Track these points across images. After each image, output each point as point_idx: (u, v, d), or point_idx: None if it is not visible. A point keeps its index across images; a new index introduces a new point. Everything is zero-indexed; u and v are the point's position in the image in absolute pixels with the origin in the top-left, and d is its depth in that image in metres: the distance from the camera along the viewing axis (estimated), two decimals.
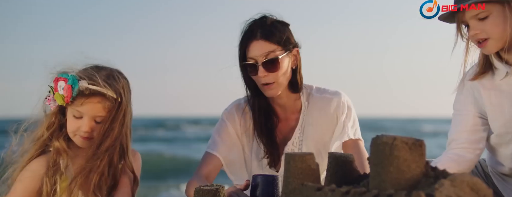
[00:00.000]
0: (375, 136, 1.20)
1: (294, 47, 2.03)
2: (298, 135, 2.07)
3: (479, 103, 1.81)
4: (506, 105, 1.77)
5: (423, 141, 1.18)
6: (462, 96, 1.84)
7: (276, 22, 2.02)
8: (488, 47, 1.67)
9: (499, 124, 1.79)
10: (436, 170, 1.14)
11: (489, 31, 1.64)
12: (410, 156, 1.13)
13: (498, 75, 1.77)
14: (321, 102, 2.06)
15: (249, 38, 1.98)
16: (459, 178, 1.03)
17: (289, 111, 2.11)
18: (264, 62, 1.94)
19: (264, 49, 1.94)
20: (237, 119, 2.12)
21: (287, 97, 2.08)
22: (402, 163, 1.13)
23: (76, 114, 1.69)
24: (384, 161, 1.14)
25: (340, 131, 2.03)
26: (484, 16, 1.63)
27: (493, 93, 1.78)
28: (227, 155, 2.08)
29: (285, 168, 1.31)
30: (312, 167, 1.29)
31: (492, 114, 1.79)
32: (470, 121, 1.80)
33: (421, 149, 1.15)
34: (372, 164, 1.18)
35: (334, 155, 1.34)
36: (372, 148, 1.18)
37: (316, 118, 2.07)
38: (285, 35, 1.99)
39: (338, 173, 1.32)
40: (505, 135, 1.79)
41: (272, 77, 1.96)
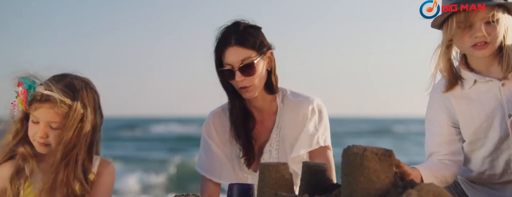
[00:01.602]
0: (346, 147, 1.23)
1: (268, 49, 2.09)
2: (275, 136, 2.13)
3: (451, 112, 1.85)
4: (476, 113, 1.82)
5: (392, 151, 1.21)
6: (434, 107, 1.88)
7: (248, 27, 2.09)
8: (486, 51, 1.70)
9: (470, 132, 1.84)
10: (404, 180, 1.17)
11: (493, 35, 1.68)
12: (379, 166, 1.17)
13: (466, 84, 1.82)
14: (294, 104, 2.12)
15: (224, 45, 2.04)
16: (426, 188, 1.07)
17: (266, 113, 2.17)
18: (240, 67, 2.00)
19: (239, 55, 2.00)
20: (214, 129, 2.17)
21: (263, 99, 2.14)
22: (372, 173, 1.16)
23: (34, 119, 1.73)
24: (354, 171, 1.17)
25: (309, 136, 2.08)
26: (493, 20, 1.66)
27: (463, 102, 1.83)
28: (219, 173, 2.15)
29: (260, 178, 1.33)
30: (286, 177, 1.32)
31: (463, 123, 1.84)
32: (445, 131, 1.85)
33: (391, 159, 1.18)
34: (343, 174, 1.22)
35: (307, 164, 1.37)
36: (343, 158, 1.22)
37: (289, 119, 2.12)
38: (259, 39, 2.06)
39: (311, 182, 1.35)
40: (476, 142, 1.84)
41: (249, 81, 2.03)
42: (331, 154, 2.10)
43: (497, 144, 1.81)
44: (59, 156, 1.71)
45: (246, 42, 2.02)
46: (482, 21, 1.67)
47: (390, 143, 19.21)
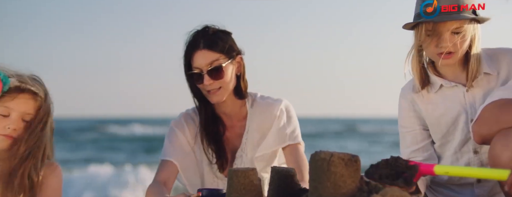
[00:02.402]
0: (314, 152, 1.25)
1: (238, 54, 2.10)
2: (245, 141, 2.13)
3: (421, 116, 1.90)
4: (443, 117, 1.86)
5: (358, 156, 1.24)
6: (404, 112, 1.92)
7: (218, 32, 2.09)
8: (451, 60, 1.75)
9: (439, 136, 1.88)
10: (369, 184, 1.20)
11: (458, 46, 1.72)
12: (346, 171, 1.19)
13: (432, 89, 1.87)
14: (263, 108, 2.13)
15: (193, 48, 2.05)
16: (390, 192, 1.09)
17: (235, 118, 2.17)
18: (208, 70, 2.01)
19: (208, 58, 2.01)
20: (186, 127, 2.16)
21: (233, 104, 2.14)
22: (339, 178, 1.18)
23: (4, 111, 1.69)
24: (321, 177, 1.20)
25: (278, 134, 2.10)
26: (460, 31, 1.71)
27: (430, 106, 1.88)
28: (182, 160, 2.12)
29: (228, 183, 1.34)
30: (254, 182, 1.33)
31: (431, 127, 1.88)
32: (418, 137, 1.89)
33: (357, 164, 1.21)
34: (311, 179, 1.24)
35: (276, 169, 1.39)
36: (311, 163, 1.24)
37: (259, 123, 2.13)
38: (228, 43, 2.07)
39: (280, 187, 1.37)
40: (445, 145, 1.89)
41: (217, 84, 2.03)
42: (302, 150, 2.10)
43: (458, 147, 1.86)
44: (22, 149, 1.69)
45: (215, 46, 2.03)
46: (449, 31, 1.72)
47: (358, 142, 19.39)
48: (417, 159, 1.87)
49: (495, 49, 1.83)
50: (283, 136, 2.09)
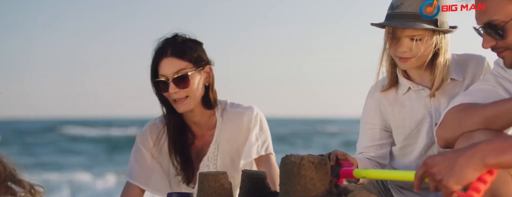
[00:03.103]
0: (284, 156, 1.26)
1: (207, 64, 2.09)
2: (213, 150, 2.12)
3: (385, 117, 1.93)
4: (407, 119, 1.90)
5: (328, 160, 1.26)
6: (369, 110, 1.95)
7: (188, 40, 2.08)
8: (408, 64, 1.80)
9: (402, 137, 1.92)
10: (338, 187, 1.22)
11: (416, 52, 1.76)
12: (316, 174, 1.21)
13: (401, 90, 1.91)
14: (234, 117, 2.12)
15: (160, 56, 2.03)
16: (358, 195, 1.11)
17: (205, 127, 2.16)
18: (174, 78, 1.99)
19: (174, 66, 2.00)
20: (151, 140, 2.15)
21: (202, 114, 2.12)
22: (309, 181, 1.20)
23: None
24: (292, 180, 1.21)
25: (251, 146, 2.09)
26: (418, 39, 1.75)
27: (396, 108, 1.92)
28: (147, 180, 2.13)
29: (199, 187, 1.34)
30: (225, 186, 1.33)
31: (395, 128, 1.92)
32: (377, 135, 1.92)
33: (326, 167, 1.23)
34: (281, 182, 1.25)
35: (247, 172, 1.40)
36: (281, 167, 1.25)
37: (230, 132, 2.12)
38: (197, 52, 2.06)
39: (250, 190, 1.38)
40: (407, 147, 1.93)
41: (183, 93, 2.01)
42: (274, 160, 2.11)
43: (423, 150, 1.89)
44: None
45: (183, 54, 2.02)
46: (408, 37, 1.76)
47: (324, 143, 19.42)
48: (369, 154, 1.89)
49: (463, 55, 1.88)
50: (255, 147, 2.08)
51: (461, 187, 1.13)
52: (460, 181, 1.12)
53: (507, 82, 1.55)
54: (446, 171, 1.14)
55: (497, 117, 1.38)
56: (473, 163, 1.12)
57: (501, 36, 1.41)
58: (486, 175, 1.13)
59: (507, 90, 1.54)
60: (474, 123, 1.41)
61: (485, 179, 1.13)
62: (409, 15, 1.73)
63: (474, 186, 1.13)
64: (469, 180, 1.12)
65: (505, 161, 1.11)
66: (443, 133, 1.49)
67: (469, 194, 1.13)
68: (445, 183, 1.13)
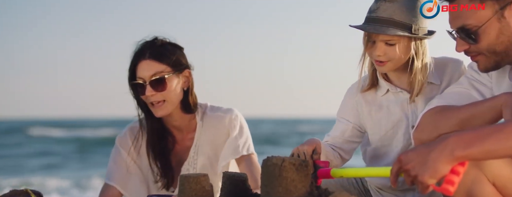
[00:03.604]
0: (266, 158, 1.28)
1: (186, 68, 2.07)
2: (193, 154, 2.11)
3: (360, 117, 1.96)
4: (384, 120, 1.93)
5: (309, 162, 1.27)
6: (346, 107, 1.97)
7: (167, 44, 2.07)
8: (385, 68, 1.83)
9: (377, 137, 1.95)
10: (319, 189, 1.23)
11: (390, 55, 1.79)
12: (297, 176, 1.22)
13: (380, 92, 1.94)
14: (214, 120, 2.12)
15: (138, 58, 2.02)
16: (339, 196, 1.13)
17: (185, 131, 2.15)
18: (151, 81, 1.97)
19: (152, 68, 1.99)
20: (131, 143, 2.14)
21: (181, 118, 2.09)
22: (290, 183, 1.21)
23: None
24: (273, 182, 1.22)
25: (232, 147, 2.09)
26: (392, 43, 1.78)
27: (374, 108, 1.94)
28: (125, 183, 2.11)
29: (180, 189, 1.34)
30: (206, 188, 1.34)
31: (371, 128, 1.95)
32: (348, 132, 1.94)
33: (307, 169, 1.24)
34: (262, 184, 1.26)
35: (228, 174, 1.40)
36: (263, 169, 1.26)
37: (210, 136, 2.11)
38: (175, 56, 2.04)
39: (231, 192, 1.39)
40: (381, 148, 1.96)
41: (160, 96, 2.00)
42: (256, 160, 2.10)
43: (400, 153, 1.90)
44: None
45: (161, 57, 2.01)
46: (382, 42, 1.79)
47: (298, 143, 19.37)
48: (334, 146, 1.91)
49: (440, 58, 1.92)
50: (236, 147, 2.07)
51: (436, 181, 1.17)
52: (434, 175, 1.15)
53: (481, 85, 1.60)
54: (419, 167, 1.17)
55: (472, 118, 1.42)
56: (444, 156, 1.15)
57: (474, 41, 1.44)
58: (458, 166, 1.16)
59: (480, 92, 1.58)
60: (450, 124, 1.44)
61: (457, 170, 1.16)
62: (383, 20, 1.76)
63: (448, 179, 1.16)
64: (442, 173, 1.16)
65: (473, 153, 1.15)
66: (420, 135, 1.52)
67: (444, 187, 1.16)
68: (420, 178, 1.16)
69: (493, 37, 1.43)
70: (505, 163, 1.36)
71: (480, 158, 1.18)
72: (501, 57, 1.45)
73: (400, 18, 1.74)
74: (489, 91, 1.58)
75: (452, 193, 1.17)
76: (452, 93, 1.60)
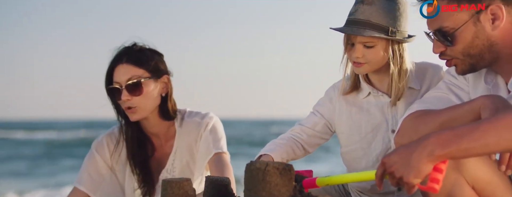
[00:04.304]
0: (249, 162, 1.27)
1: (164, 74, 2.06)
2: (172, 161, 2.10)
3: (336, 116, 1.97)
4: (364, 122, 1.95)
5: (292, 165, 1.27)
6: (323, 105, 1.99)
7: (145, 49, 2.07)
8: (362, 69, 1.85)
9: (356, 139, 1.96)
10: (302, 193, 1.24)
11: (368, 58, 1.81)
12: (280, 180, 1.22)
13: (361, 94, 1.96)
14: (191, 126, 2.10)
15: (116, 62, 2.01)
16: None
17: (164, 138, 2.11)
18: (127, 85, 1.96)
19: (128, 72, 1.97)
20: (108, 149, 2.11)
21: (160, 125, 2.08)
22: (274, 187, 1.21)
23: None
24: (257, 186, 1.22)
25: (205, 146, 2.06)
26: (371, 45, 1.80)
27: (354, 109, 1.96)
28: (96, 188, 2.08)
29: (162, 194, 1.33)
30: (189, 193, 1.33)
31: (350, 129, 1.96)
32: (318, 127, 1.96)
33: (291, 173, 1.25)
34: (246, 189, 1.26)
35: (210, 179, 1.40)
36: (246, 173, 1.26)
37: (188, 142, 2.09)
38: (154, 61, 2.03)
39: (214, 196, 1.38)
40: (359, 150, 1.96)
41: (136, 101, 1.96)
42: (227, 159, 2.06)
43: (379, 156, 1.93)
44: None
45: (138, 61, 2.00)
46: (361, 44, 1.81)
47: None
48: (301, 137, 1.93)
49: (420, 63, 1.94)
50: (208, 146, 2.04)
51: (420, 180, 1.20)
52: (418, 175, 1.18)
53: (458, 89, 1.63)
54: (403, 168, 1.19)
55: (452, 121, 1.44)
56: (425, 156, 1.18)
57: (450, 43, 1.47)
58: (440, 164, 1.19)
59: (458, 96, 1.61)
60: (430, 128, 1.46)
61: (440, 168, 1.19)
62: (361, 22, 1.78)
63: (432, 177, 1.19)
64: (426, 172, 1.19)
65: (452, 152, 1.17)
66: (401, 139, 1.54)
67: (429, 186, 1.19)
68: (406, 179, 1.19)
69: (468, 40, 1.46)
70: (484, 166, 1.39)
71: (459, 157, 1.21)
72: (476, 60, 1.48)
73: (377, 21, 1.77)
74: (467, 95, 1.61)
75: (438, 191, 1.20)
76: (431, 98, 1.62)
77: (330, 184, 1.33)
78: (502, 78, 1.53)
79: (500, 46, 1.46)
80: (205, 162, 2.05)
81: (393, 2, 1.79)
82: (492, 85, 1.54)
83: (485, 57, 1.47)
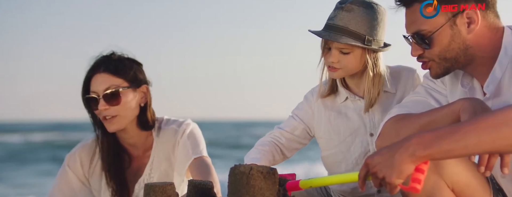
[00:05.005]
0: (233, 166, 1.28)
1: (143, 84, 2.04)
2: (149, 171, 2.06)
3: (315, 121, 1.99)
4: (342, 126, 1.97)
5: (276, 169, 1.28)
6: (304, 108, 2.00)
7: (124, 59, 2.04)
8: (335, 74, 1.88)
9: (335, 143, 1.98)
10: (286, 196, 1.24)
11: (343, 64, 1.84)
12: (264, 184, 1.23)
13: (339, 98, 1.98)
14: (168, 134, 2.07)
15: (93, 72, 1.98)
16: None
17: (141, 149, 2.08)
18: (105, 94, 1.93)
19: (106, 82, 1.94)
20: (80, 163, 2.07)
21: (138, 136, 2.04)
22: (258, 191, 1.22)
23: None
24: (241, 190, 1.22)
25: (183, 153, 2.02)
26: (346, 52, 1.83)
27: (333, 114, 1.98)
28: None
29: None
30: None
31: (329, 133, 1.98)
32: (297, 131, 1.98)
33: (275, 177, 1.25)
34: (230, 192, 1.26)
35: (193, 183, 1.39)
36: (230, 177, 1.26)
37: (165, 151, 2.06)
38: (132, 70, 2.00)
39: None
40: (339, 154, 1.98)
41: (114, 111, 1.94)
42: (208, 162, 2.01)
43: (358, 159, 1.95)
44: None
45: (116, 71, 1.97)
46: (337, 49, 1.84)
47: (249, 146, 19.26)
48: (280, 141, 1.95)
49: (395, 67, 1.97)
50: (186, 152, 2.01)
51: (402, 181, 1.22)
52: (400, 175, 1.21)
53: (437, 93, 1.66)
54: (386, 169, 1.22)
55: (432, 124, 1.47)
56: (407, 157, 1.20)
57: (428, 45, 1.50)
58: (422, 165, 1.22)
59: (437, 100, 1.64)
60: (411, 131, 1.49)
61: (421, 168, 1.22)
62: (338, 28, 1.80)
63: (414, 178, 1.22)
64: (408, 173, 1.21)
65: (433, 153, 1.20)
66: (383, 143, 1.56)
67: (411, 186, 1.21)
68: (388, 179, 1.21)
69: (445, 44, 1.49)
70: (463, 169, 1.42)
71: (440, 157, 1.23)
72: (451, 64, 1.52)
73: (355, 28, 1.79)
74: (445, 99, 1.64)
75: (419, 191, 1.22)
76: (410, 102, 1.65)
77: (313, 186, 1.35)
78: (477, 81, 1.56)
79: (475, 49, 1.49)
80: (184, 169, 2.02)
81: (372, 11, 1.82)
82: (469, 89, 1.57)
83: (460, 61, 1.51)
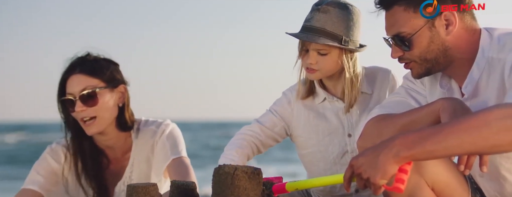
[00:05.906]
0: (218, 166, 1.27)
1: (120, 84, 1.99)
2: (129, 174, 2.02)
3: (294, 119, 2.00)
4: (321, 127, 1.99)
5: (260, 169, 1.28)
6: (283, 106, 2.00)
7: (100, 59, 2.01)
8: (313, 76, 1.89)
9: (313, 142, 2.00)
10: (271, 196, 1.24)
11: (321, 65, 1.85)
12: (249, 184, 1.23)
13: (317, 99, 2.00)
14: (146, 135, 2.04)
15: (68, 73, 1.94)
16: None
17: (120, 151, 2.04)
18: (81, 96, 1.89)
19: (82, 83, 1.91)
20: (63, 158, 2.01)
21: (117, 137, 2.01)
22: (242, 192, 1.22)
23: None
24: (225, 191, 1.22)
25: (162, 154, 2.00)
26: (324, 53, 1.84)
27: (312, 114, 1.99)
28: (51, 189, 1.97)
29: None
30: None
31: (308, 132, 2.00)
32: (276, 129, 1.98)
33: (259, 177, 1.25)
34: (214, 193, 1.25)
35: (176, 183, 1.38)
36: (214, 177, 1.26)
37: (144, 152, 2.03)
38: (109, 70, 1.97)
39: None
40: (317, 153, 2.00)
41: (92, 112, 1.90)
42: (187, 163, 1.98)
43: (336, 159, 1.97)
44: None
45: (92, 71, 1.93)
46: (315, 51, 1.85)
47: None
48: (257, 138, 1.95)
49: (371, 68, 1.99)
50: (165, 153, 1.98)
51: (386, 181, 1.23)
52: (384, 176, 1.22)
53: (416, 94, 1.69)
54: (370, 170, 1.23)
55: (413, 124, 1.49)
56: (391, 158, 1.22)
57: (408, 47, 1.53)
58: (405, 165, 1.24)
59: (417, 100, 1.67)
60: (392, 131, 1.51)
61: (405, 169, 1.24)
62: (315, 29, 1.81)
63: (397, 178, 1.23)
64: (391, 173, 1.23)
65: (416, 154, 1.22)
66: (364, 143, 1.58)
67: (395, 186, 1.23)
68: (372, 180, 1.23)
69: (424, 45, 1.51)
70: (443, 169, 1.45)
71: (423, 158, 1.25)
72: (432, 65, 1.54)
73: (332, 29, 1.81)
74: (424, 99, 1.67)
75: (403, 191, 1.23)
76: (391, 103, 1.67)
77: (300, 188, 1.35)
78: (455, 82, 1.59)
79: (453, 51, 1.52)
80: (162, 169, 1.99)
81: (347, 12, 1.84)
82: (447, 89, 1.60)
83: (440, 62, 1.53)
